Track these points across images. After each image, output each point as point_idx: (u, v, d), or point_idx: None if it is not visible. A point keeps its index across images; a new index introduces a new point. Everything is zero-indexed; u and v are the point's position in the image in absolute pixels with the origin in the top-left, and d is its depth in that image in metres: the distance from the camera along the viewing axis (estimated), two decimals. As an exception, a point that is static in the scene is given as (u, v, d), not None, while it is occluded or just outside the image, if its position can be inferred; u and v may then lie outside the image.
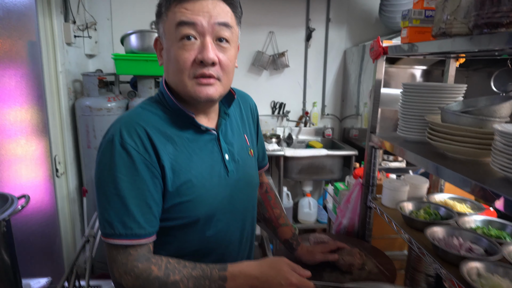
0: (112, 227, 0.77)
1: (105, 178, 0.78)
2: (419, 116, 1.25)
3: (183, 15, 0.79)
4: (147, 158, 0.79)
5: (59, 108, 2.43)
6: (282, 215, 1.22)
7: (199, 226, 0.87)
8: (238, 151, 0.96)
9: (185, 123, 0.87)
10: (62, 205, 2.47)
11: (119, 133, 0.79)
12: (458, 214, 1.28)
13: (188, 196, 0.83)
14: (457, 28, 0.94)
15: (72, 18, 2.53)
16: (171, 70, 0.83)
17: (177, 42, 0.80)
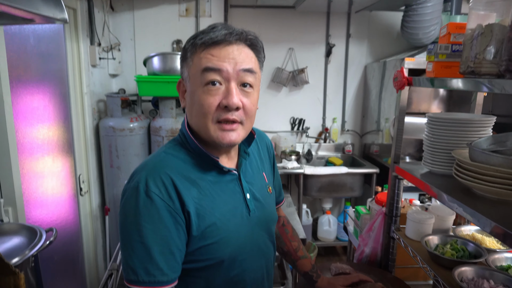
0: (135, 274, 0.78)
1: (130, 225, 0.79)
2: (445, 149, 1.22)
3: (209, 61, 0.80)
4: (171, 206, 0.79)
5: (83, 128, 2.50)
6: (300, 248, 1.22)
7: (224, 267, 0.87)
8: (258, 189, 0.97)
9: (208, 165, 0.88)
10: (85, 223, 2.52)
11: (144, 180, 0.79)
12: (487, 251, 1.23)
13: (212, 238, 0.84)
14: (486, 68, 0.91)
15: (97, 41, 2.61)
16: (195, 113, 0.84)
17: (202, 87, 0.81)
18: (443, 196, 1.07)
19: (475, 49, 0.96)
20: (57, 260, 2.17)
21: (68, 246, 2.31)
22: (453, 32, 1.08)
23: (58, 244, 2.19)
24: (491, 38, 0.92)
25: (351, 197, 3.21)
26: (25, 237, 1.23)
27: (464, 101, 2.98)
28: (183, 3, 3.11)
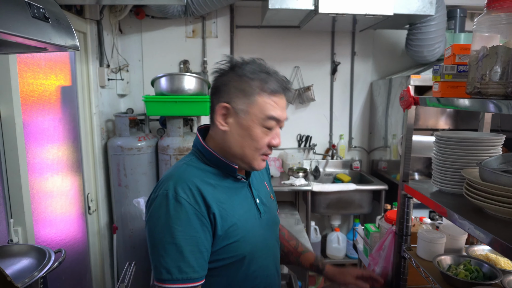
0: (169, 273, 0.86)
1: (161, 229, 0.87)
2: (455, 168, 1.21)
3: (274, 110, 0.95)
4: (197, 209, 0.89)
5: (92, 148, 2.53)
6: (299, 245, 1.31)
7: (245, 263, 0.98)
8: (264, 195, 1.11)
9: (225, 174, 1.00)
10: (93, 242, 2.52)
11: (173, 188, 0.89)
12: (502, 272, 1.21)
13: (235, 237, 0.94)
14: (493, 89, 0.92)
15: (106, 62, 2.67)
16: (245, 144, 0.96)
17: (261, 127, 0.95)
18: (454, 216, 1.06)
19: (480, 71, 0.96)
20: (65, 279, 2.17)
21: (76, 265, 2.31)
22: (458, 53, 1.09)
23: (66, 263, 2.18)
24: (496, 59, 0.93)
25: (360, 213, 3.17)
26: (34, 258, 1.23)
27: (471, 116, 2.97)
28: (189, 24, 3.18)
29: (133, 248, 2.68)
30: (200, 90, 2.67)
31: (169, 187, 0.89)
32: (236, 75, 0.96)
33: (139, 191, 2.61)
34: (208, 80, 2.81)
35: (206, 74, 3.21)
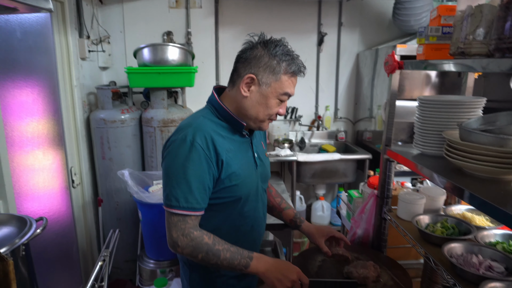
0: (178, 201, 1.06)
1: (177, 166, 1.06)
2: (436, 131, 1.23)
3: (289, 88, 1.13)
4: (208, 155, 1.07)
5: (74, 121, 2.48)
6: (283, 202, 1.49)
7: (240, 203, 1.17)
8: (260, 152, 1.29)
9: (234, 130, 1.18)
10: (78, 215, 2.51)
11: (191, 135, 1.07)
12: (476, 228, 1.26)
13: (235, 181, 1.13)
14: (476, 49, 0.93)
15: (86, 34, 2.57)
16: (258, 108, 1.13)
17: (276, 99, 1.13)
18: (433, 176, 1.09)
19: (465, 30, 0.97)
20: (51, 251, 2.17)
21: (62, 238, 2.31)
22: (444, 14, 1.09)
23: (51, 236, 2.18)
24: (481, 18, 0.93)
25: (344, 182, 3.24)
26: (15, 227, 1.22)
27: (455, 87, 3.01)
28: (172, -7, 3.07)
29: (118, 220, 2.68)
30: (185, 61, 2.62)
31: (188, 133, 1.07)
32: (269, 53, 1.10)
33: (123, 164, 2.59)
34: (192, 51, 2.75)
35: (190, 45, 3.14)
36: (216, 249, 1.07)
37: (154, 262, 2.47)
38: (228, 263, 1.08)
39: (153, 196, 2.26)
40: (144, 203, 2.29)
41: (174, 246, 1.08)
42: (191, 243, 1.06)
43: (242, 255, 1.10)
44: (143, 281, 2.50)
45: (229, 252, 1.08)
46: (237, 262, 1.09)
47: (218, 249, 1.08)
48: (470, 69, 0.90)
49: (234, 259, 1.08)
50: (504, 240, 1.22)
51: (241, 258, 1.09)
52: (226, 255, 1.08)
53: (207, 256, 1.07)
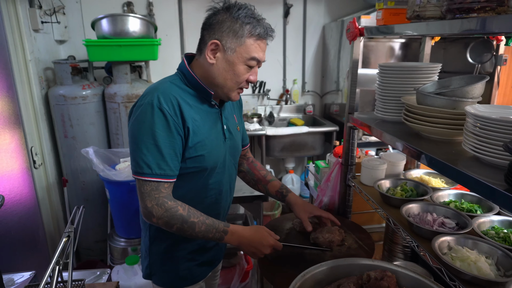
0: (150, 168, 1.02)
1: (145, 131, 1.02)
2: (396, 96, 1.27)
3: (257, 52, 1.07)
4: (176, 121, 1.03)
5: (31, 98, 2.34)
6: (268, 174, 1.46)
7: (205, 174, 1.15)
8: (231, 124, 1.25)
9: (203, 98, 1.13)
10: (42, 197, 2.43)
11: (157, 99, 1.02)
12: (433, 190, 1.33)
13: (201, 151, 1.10)
14: (430, 12, 0.94)
15: (38, 3, 2.40)
16: (226, 76, 1.09)
17: (243, 65, 1.08)
18: (392, 139, 1.13)
19: (420, -7, 0.98)
20: (15, 235, 2.10)
21: (26, 220, 2.23)
22: (401, -22, 1.10)
23: (14, 218, 2.10)
24: (434, -19, 0.95)
25: (312, 155, 3.30)
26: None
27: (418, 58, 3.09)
28: (131, -40, 2.90)
29: (86, 201, 2.62)
30: (147, 33, 2.52)
31: (154, 97, 1.03)
32: (231, 16, 1.04)
33: (88, 142, 2.51)
34: (154, 23, 2.64)
35: (152, 16, 3.01)
36: (191, 221, 1.05)
37: (125, 240, 2.45)
38: (203, 235, 1.08)
39: (120, 173, 2.21)
40: (111, 181, 2.24)
41: (149, 216, 1.05)
42: (166, 214, 1.04)
43: (217, 229, 1.09)
44: (114, 259, 2.49)
45: (204, 225, 1.07)
46: (212, 235, 1.08)
47: (193, 221, 1.06)
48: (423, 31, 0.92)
49: (209, 232, 1.07)
50: (457, 199, 1.29)
51: (216, 231, 1.08)
52: (201, 227, 1.06)
53: (181, 227, 1.05)
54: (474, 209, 1.20)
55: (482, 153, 0.84)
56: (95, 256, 2.76)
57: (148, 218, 1.06)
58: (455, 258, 0.95)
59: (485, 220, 1.11)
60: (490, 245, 0.98)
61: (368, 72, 2.23)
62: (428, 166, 0.99)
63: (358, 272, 1.03)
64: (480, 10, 0.75)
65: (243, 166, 1.47)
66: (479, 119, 0.84)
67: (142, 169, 1.02)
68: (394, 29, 1.08)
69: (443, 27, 0.87)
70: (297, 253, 1.29)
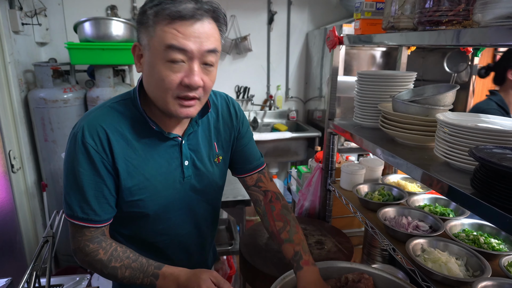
0: (72, 210, 0.88)
1: (69, 169, 0.86)
2: (373, 103, 1.31)
3: (174, 38, 0.78)
4: (104, 158, 0.86)
5: (10, 101, 2.30)
6: (286, 229, 1.05)
7: (149, 220, 0.96)
8: (202, 158, 0.99)
9: (150, 129, 0.90)
10: (20, 202, 2.38)
11: (81, 131, 0.84)
12: (408, 194, 1.38)
13: (139, 196, 0.91)
14: (404, 23, 0.99)
15: (18, 4, 2.36)
16: (154, 85, 0.84)
17: (164, 62, 0.80)
18: (369, 144, 1.17)
19: (395, 6, 1.03)
20: (-9, 241, 2.05)
21: (2, 226, 2.17)
22: (377, -10, 1.14)
23: (-11, 224, 2.05)
24: (408, -6, 0.99)
25: (296, 160, 3.34)
26: None
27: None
28: (115, -36, 2.90)
29: (67, 205, 2.57)
30: (130, 37, 2.51)
31: (79, 128, 0.85)
32: (141, 8, 0.82)
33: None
34: (138, 27, 2.64)
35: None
36: (111, 266, 0.88)
37: (106, 246, 2.42)
38: (129, 281, 0.89)
39: (101, 178, 2.19)
40: (91, 186, 2.21)
41: (76, 258, 0.93)
42: (86, 258, 0.89)
43: (145, 273, 0.88)
44: (95, 265, 2.45)
45: (128, 270, 0.88)
46: (139, 281, 0.89)
47: (115, 267, 0.88)
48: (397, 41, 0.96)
49: (135, 278, 0.88)
50: (431, 203, 1.34)
51: (144, 276, 0.88)
52: (125, 273, 0.88)
53: (103, 273, 0.89)
54: (447, 212, 1.25)
55: (451, 158, 0.88)
56: (75, 263, 2.70)
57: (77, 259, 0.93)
58: (428, 259, 0.99)
59: (457, 223, 1.16)
60: (460, 247, 1.02)
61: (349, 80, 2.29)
62: (402, 171, 1.02)
63: (337, 274, 1.05)
64: (448, 23, 0.79)
65: (259, 205, 1.12)
66: (449, 126, 0.88)
67: (66, 209, 0.89)
68: (371, 38, 1.12)
69: (415, 38, 0.91)
70: (278, 257, 1.31)
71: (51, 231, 1.15)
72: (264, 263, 1.27)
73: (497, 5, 0.61)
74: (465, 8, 0.76)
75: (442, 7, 0.80)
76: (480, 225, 1.15)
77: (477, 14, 0.68)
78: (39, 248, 1.10)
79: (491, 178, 0.68)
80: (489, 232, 1.13)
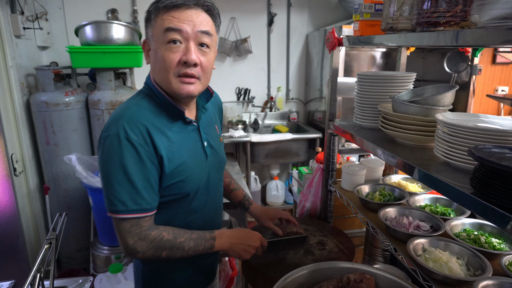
0: (125, 205, 0.94)
1: (114, 166, 0.93)
2: (373, 104, 1.32)
3: (171, 22, 0.92)
4: (147, 150, 0.95)
5: (12, 105, 2.32)
6: (232, 182, 1.40)
7: (188, 199, 1.07)
8: (212, 138, 1.15)
9: (175, 116, 1.03)
10: (23, 205, 2.39)
11: (123, 129, 0.93)
12: (409, 194, 1.38)
13: (180, 177, 1.02)
14: (402, 24, 0.99)
15: (19, 9, 2.38)
16: (158, 68, 0.97)
17: (164, 45, 0.93)
18: (369, 145, 1.17)
19: (393, 7, 1.03)
20: (-6, 243, 2.06)
21: (5, 229, 2.19)
22: (376, -9, 1.15)
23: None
24: (406, -5, 1.00)
25: (297, 162, 3.34)
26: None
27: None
28: (115, -33, 2.91)
29: (68, 209, 2.59)
30: (131, 40, 2.52)
31: (120, 128, 0.93)
32: (146, 11, 0.98)
33: (70, 149, 2.48)
34: (139, 30, 2.65)
35: (137, 24, 3.02)
36: (178, 242, 1.01)
37: (108, 248, 2.43)
38: (194, 251, 1.03)
39: (103, 180, 2.20)
40: (94, 188, 2.22)
41: (133, 253, 0.98)
42: (152, 245, 0.98)
43: (205, 239, 1.05)
44: (97, 268, 2.45)
45: (192, 241, 1.03)
46: (202, 247, 1.04)
47: (181, 241, 1.01)
48: (395, 42, 0.97)
49: (199, 245, 1.04)
50: (432, 203, 1.34)
51: (205, 242, 1.05)
52: (190, 244, 1.02)
53: (171, 252, 1.00)
54: (447, 212, 1.25)
55: (451, 158, 0.89)
56: (77, 265, 2.72)
57: (133, 255, 0.99)
58: (429, 259, 0.99)
59: (457, 223, 1.16)
60: (461, 246, 1.02)
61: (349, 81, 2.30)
62: (403, 172, 1.03)
63: (338, 275, 1.05)
64: (446, 24, 0.80)
65: None
66: (448, 126, 0.89)
67: (116, 207, 0.94)
68: (369, 40, 1.13)
69: (413, 39, 0.91)
70: (280, 257, 1.32)
71: (54, 234, 1.16)
72: (266, 264, 1.28)
73: (494, 6, 0.61)
74: (462, 9, 0.76)
75: (439, 8, 0.81)
76: (481, 224, 1.15)
77: (474, 15, 0.68)
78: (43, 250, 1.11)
79: (490, 177, 0.68)
80: (490, 232, 1.13)
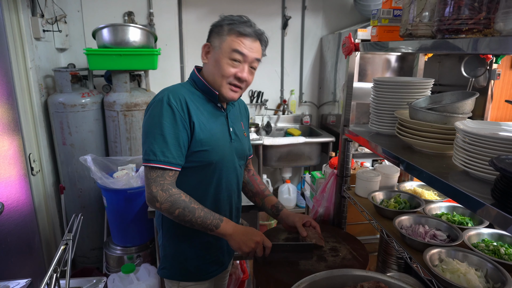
0: (155, 155, 1.13)
1: (154, 123, 1.14)
2: (389, 110, 1.30)
3: (240, 46, 1.17)
4: (183, 116, 1.16)
5: (31, 105, 2.37)
6: (267, 189, 1.55)
7: (210, 169, 1.24)
8: (237, 129, 1.35)
9: (209, 101, 1.26)
10: (39, 204, 2.43)
11: (167, 96, 1.16)
12: (425, 202, 1.36)
13: (207, 146, 1.20)
14: (422, 30, 0.98)
15: (40, 12, 2.43)
16: (216, 72, 1.21)
17: (228, 59, 1.18)
18: (386, 152, 1.16)
19: (412, 13, 1.02)
20: (11, 242, 2.09)
21: (22, 228, 2.23)
22: (394, -3, 1.14)
23: (10, 225, 2.10)
24: (426, 2, 0.99)
25: (309, 165, 3.32)
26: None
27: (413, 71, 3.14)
28: (133, -29, 2.95)
29: (83, 208, 2.62)
30: (147, 43, 2.55)
31: (164, 95, 1.16)
32: (218, 23, 1.21)
33: (86, 150, 2.52)
34: (154, 33, 2.68)
35: (152, 26, 3.06)
36: (192, 206, 1.15)
37: (121, 249, 2.45)
38: (202, 221, 1.16)
39: (117, 181, 2.23)
40: (109, 189, 2.25)
41: (153, 200, 1.14)
42: (170, 198, 1.13)
43: (214, 216, 1.18)
44: (110, 268, 2.48)
45: (203, 212, 1.16)
46: (210, 221, 1.17)
47: (194, 207, 1.15)
48: (416, 48, 0.95)
49: (207, 218, 1.16)
50: (449, 211, 1.31)
51: (213, 218, 1.18)
52: (201, 213, 1.16)
53: (183, 212, 1.14)
54: (465, 222, 1.22)
55: (471, 167, 0.87)
56: (91, 264, 2.76)
57: (152, 203, 1.15)
58: (446, 270, 0.97)
59: (476, 233, 1.13)
60: (480, 257, 1.00)
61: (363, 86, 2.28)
62: (419, 179, 1.01)
63: (352, 283, 1.04)
64: (468, 32, 0.78)
65: (244, 177, 1.52)
66: (468, 135, 0.87)
67: (148, 156, 1.13)
68: (388, 45, 1.11)
69: (433, 46, 0.90)
70: (292, 262, 1.31)
71: (70, 235, 1.17)
72: (277, 268, 1.27)
73: (520, 15, 0.60)
74: (486, 17, 0.75)
75: (462, 15, 0.79)
76: (500, 235, 1.13)
77: (499, 23, 0.67)
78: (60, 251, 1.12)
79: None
80: (509, 243, 1.10)
